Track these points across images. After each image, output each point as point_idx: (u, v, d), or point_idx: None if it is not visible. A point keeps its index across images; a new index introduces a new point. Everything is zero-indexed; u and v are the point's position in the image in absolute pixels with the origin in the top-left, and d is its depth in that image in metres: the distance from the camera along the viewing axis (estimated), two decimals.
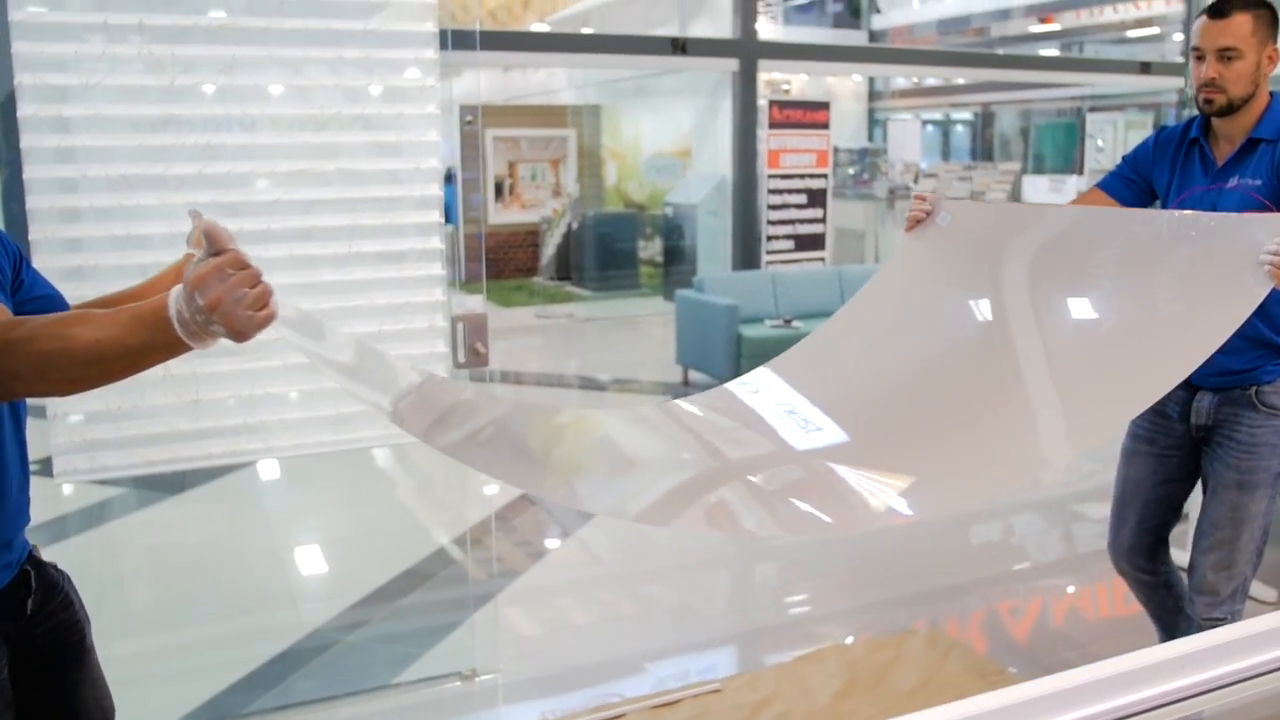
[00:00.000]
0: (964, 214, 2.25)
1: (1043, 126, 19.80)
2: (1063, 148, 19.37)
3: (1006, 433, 1.83)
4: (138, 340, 1.18)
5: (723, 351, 6.73)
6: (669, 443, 1.94)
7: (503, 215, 12.65)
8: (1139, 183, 2.54)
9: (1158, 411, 2.58)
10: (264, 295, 1.16)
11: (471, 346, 3.05)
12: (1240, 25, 2.27)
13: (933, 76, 17.17)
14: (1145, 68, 11.61)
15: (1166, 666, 1.19)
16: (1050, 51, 18.16)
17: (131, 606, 3.77)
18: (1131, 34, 16.41)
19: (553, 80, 14.03)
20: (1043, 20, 18.22)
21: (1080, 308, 1.96)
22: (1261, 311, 1.89)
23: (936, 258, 2.23)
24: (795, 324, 7.05)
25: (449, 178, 13.43)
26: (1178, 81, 7.51)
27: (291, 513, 4.85)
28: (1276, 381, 2.40)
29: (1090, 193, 2.63)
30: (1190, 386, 2.48)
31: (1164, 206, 2.49)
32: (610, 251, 11.78)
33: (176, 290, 1.16)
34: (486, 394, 1.69)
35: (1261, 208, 2.27)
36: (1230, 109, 2.32)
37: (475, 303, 3.06)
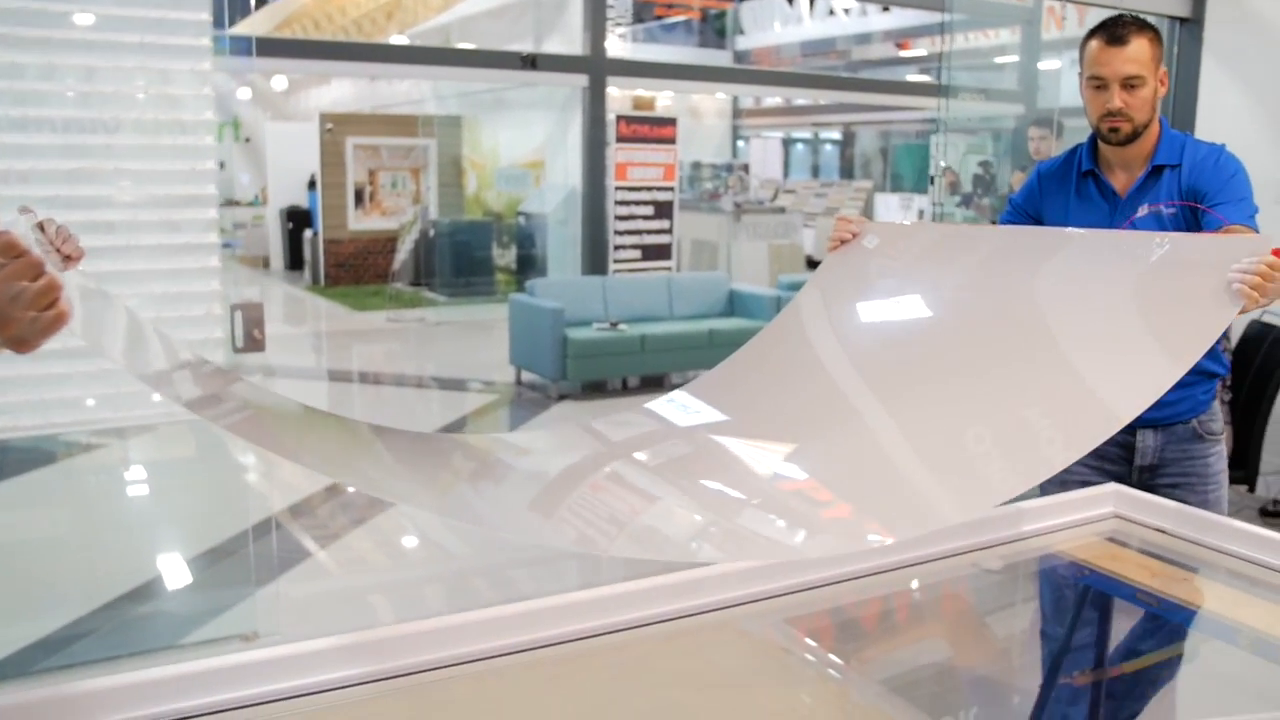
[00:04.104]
0: (892, 235, 2.11)
1: (900, 147, 20.71)
2: (920, 167, 20.19)
3: (929, 463, 1.61)
4: None
5: (549, 352, 7.10)
6: (557, 441, 1.90)
7: (362, 222, 12.82)
8: (1031, 224, 2.43)
9: (1095, 451, 2.42)
10: (49, 290, 0.93)
11: (249, 333, 3.34)
12: (1140, 50, 2.19)
13: (779, 96, 17.82)
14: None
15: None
16: (914, 76, 19.03)
17: None
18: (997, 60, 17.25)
19: (417, 90, 14.25)
20: (899, 46, 19.16)
21: (1030, 328, 1.77)
22: None
23: (863, 276, 2.06)
24: (622, 327, 7.47)
25: (311, 184, 13.56)
26: (1015, 108, 8.07)
27: (98, 500, 5.00)
28: (1211, 406, 2.35)
29: None
30: (1128, 427, 2.41)
31: None
32: (465, 258, 12.08)
33: None
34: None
35: (1177, 230, 2.19)
36: (1134, 137, 2.25)
37: (253, 293, 3.35)
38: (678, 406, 1.86)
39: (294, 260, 13.90)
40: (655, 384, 7.65)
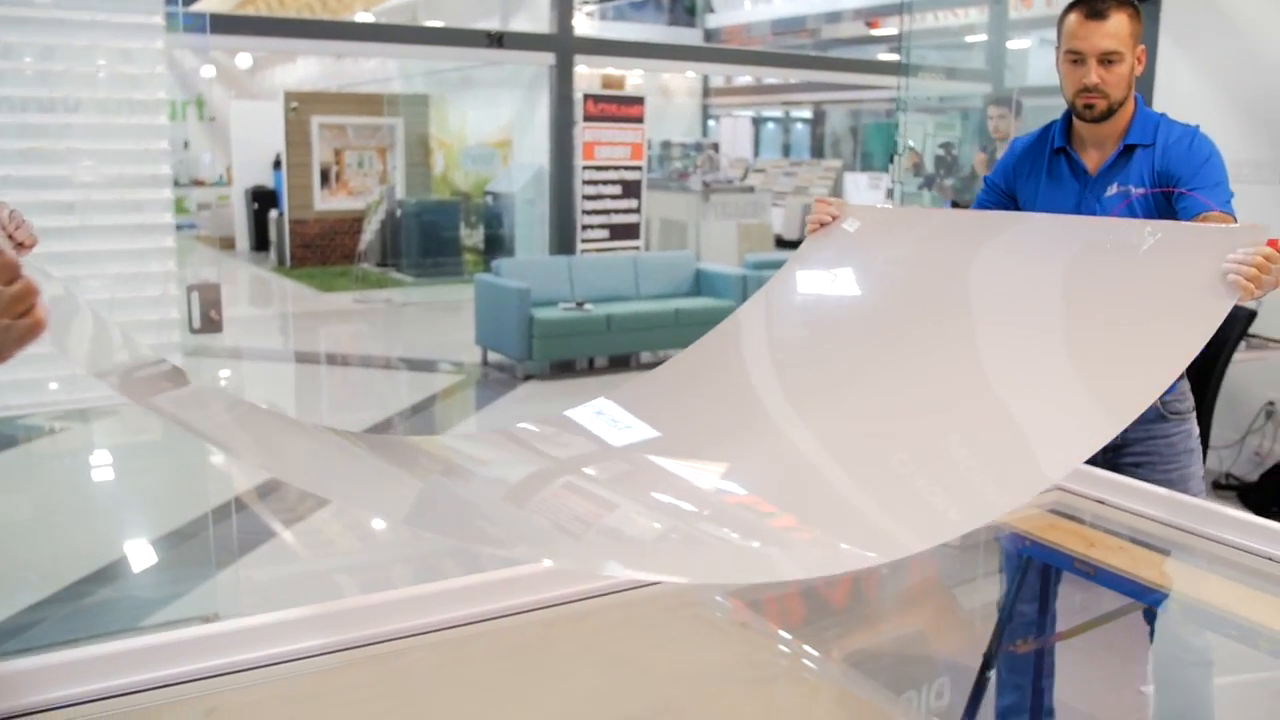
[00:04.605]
0: (872, 219, 2.05)
1: (870, 126, 20.72)
2: (890, 147, 20.00)
3: (903, 487, 1.49)
4: None
5: (515, 332, 7.10)
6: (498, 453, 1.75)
7: (328, 202, 12.72)
8: (1007, 202, 2.41)
9: None
10: (26, 295, 0.84)
11: (206, 314, 3.32)
12: (1120, 26, 2.14)
13: (749, 74, 17.78)
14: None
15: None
16: (885, 55, 18.98)
17: None
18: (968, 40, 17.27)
19: (383, 69, 14.13)
20: (869, 25, 19.15)
21: (1019, 326, 1.68)
22: None
23: (840, 262, 1.99)
24: (588, 307, 7.48)
25: (277, 163, 13.43)
26: (982, 87, 7.89)
27: (60, 483, 4.97)
28: (1178, 386, 2.33)
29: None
30: None
31: None
32: (432, 238, 12.03)
33: None
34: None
35: (1146, 215, 2.18)
36: (1109, 114, 2.20)
37: (210, 274, 3.34)
38: (608, 421, 1.75)
39: (259, 241, 13.77)
40: (622, 364, 7.67)
